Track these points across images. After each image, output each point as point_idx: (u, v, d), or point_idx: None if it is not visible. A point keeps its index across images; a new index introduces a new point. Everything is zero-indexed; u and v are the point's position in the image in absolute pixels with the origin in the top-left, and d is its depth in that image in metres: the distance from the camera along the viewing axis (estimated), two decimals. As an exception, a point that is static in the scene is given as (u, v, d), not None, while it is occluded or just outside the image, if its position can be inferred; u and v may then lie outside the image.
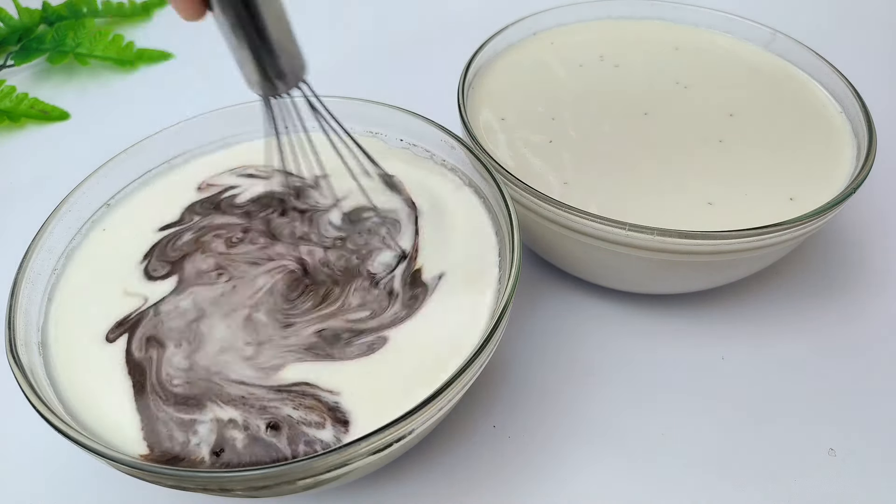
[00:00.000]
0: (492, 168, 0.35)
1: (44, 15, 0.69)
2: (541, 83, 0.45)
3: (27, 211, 0.40)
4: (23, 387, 0.27)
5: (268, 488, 0.25)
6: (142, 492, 0.34)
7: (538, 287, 0.43)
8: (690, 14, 0.50)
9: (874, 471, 0.34)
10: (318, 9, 0.73)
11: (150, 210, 0.37)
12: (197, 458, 0.26)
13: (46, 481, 0.35)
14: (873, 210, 0.48)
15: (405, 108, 0.39)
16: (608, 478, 0.34)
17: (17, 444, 0.36)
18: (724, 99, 0.43)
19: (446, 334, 0.30)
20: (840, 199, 0.34)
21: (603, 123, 0.42)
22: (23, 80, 0.64)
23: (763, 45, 0.48)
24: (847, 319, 0.41)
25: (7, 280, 0.31)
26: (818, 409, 0.37)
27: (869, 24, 0.68)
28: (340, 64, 0.64)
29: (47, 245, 0.34)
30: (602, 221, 0.33)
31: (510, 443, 0.35)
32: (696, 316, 0.41)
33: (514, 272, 0.30)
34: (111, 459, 0.25)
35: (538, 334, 0.40)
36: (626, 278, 0.39)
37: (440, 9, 0.72)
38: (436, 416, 0.27)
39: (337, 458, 0.24)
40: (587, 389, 0.38)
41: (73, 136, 0.58)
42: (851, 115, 0.41)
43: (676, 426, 0.36)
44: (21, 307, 0.30)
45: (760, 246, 0.34)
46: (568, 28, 0.50)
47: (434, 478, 0.34)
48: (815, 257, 0.45)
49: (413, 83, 0.61)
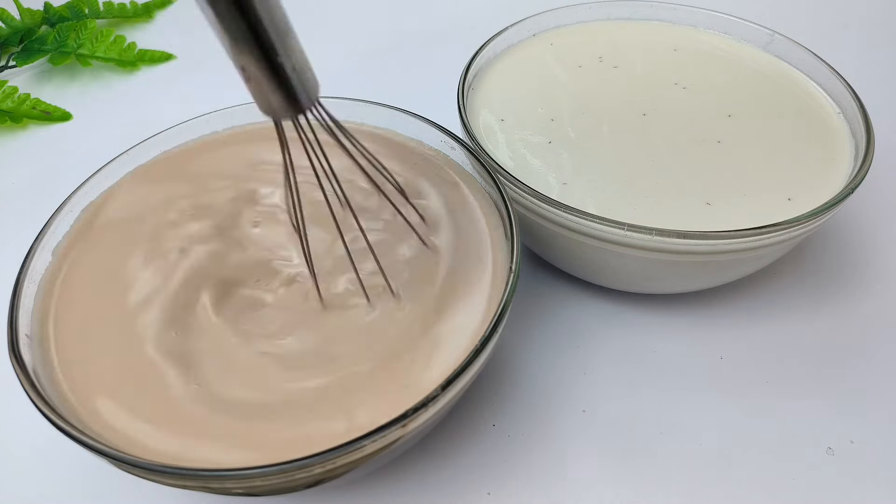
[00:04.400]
0: (491, 169, 0.35)
1: (45, 16, 0.69)
2: (540, 84, 0.46)
3: (29, 211, 0.40)
4: (25, 386, 0.27)
5: (268, 487, 0.25)
6: (143, 491, 0.34)
7: (538, 287, 0.43)
8: (689, 15, 0.50)
9: (873, 470, 0.34)
10: (318, 10, 0.73)
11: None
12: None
13: (47, 480, 0.35)
14: (871, 210, 0.48)
15: (405, 109, 0.39)
16: (608, 476, 0.34)
17: (18, 443, 0.36)
18: (723, 100, 0.44)
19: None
20: (838, 200, 0.34)
21: (602, 124, 0.42)
22: (25, 81, 0.65)
23: (761, 47, 0.48)
24: (846, 319, 0.41)
25: (9, 279, 0.31)
26: (816, 408, 0.37)
27: (867, 25, 0.68)
28: (340, 65, 0.64)
29: (49, 245, 0.34)
30: (601, 221, 0.33)
31: (510, 442, 0.36)
32: (694, 316, 0.41)
33: (514, 272, 0.30)
34: (113, 458, 0.25)
35: (538, 334, 0.41)
36: (625, 278, 0.39)
37: (440, 10, 0.72)
38: (435, 416, 0.27)
39: (336, 457, 0.24)
40: (586, 388, 0.38)
41: (75, 137, 0.58)
42: (849, 116, 0.41)
43: (675, 425, 0.36)
44: (23, 307, 0.31)
45: (758, 246, 0.34)
46: (567, 29, 0.50)
47: (434, 477, 0.34)
48: (814, 257, 0.45)
49: (413, 84, 0.61)
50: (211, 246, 0.34)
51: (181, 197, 0.37)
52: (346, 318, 0.31)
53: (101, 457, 0.25)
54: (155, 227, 0.35)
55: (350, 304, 0.32)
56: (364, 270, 0.32)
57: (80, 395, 0.29)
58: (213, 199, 0.37)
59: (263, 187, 0.37)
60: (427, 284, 0.32)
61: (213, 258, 0.34)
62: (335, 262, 0.33)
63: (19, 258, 0.32)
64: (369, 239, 0.31)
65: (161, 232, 0.35)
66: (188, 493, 0.34)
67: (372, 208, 0.36)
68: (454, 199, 0.37)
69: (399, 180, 0.37)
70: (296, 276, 0.33)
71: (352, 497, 0.34)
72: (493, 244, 0.34)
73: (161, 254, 0.34)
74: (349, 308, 0.32)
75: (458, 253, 0.34)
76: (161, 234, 0.35)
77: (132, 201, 0.37)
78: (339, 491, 0.34)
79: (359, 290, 0.32)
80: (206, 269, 0.33)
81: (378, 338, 0.30)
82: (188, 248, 0.34)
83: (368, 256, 0.31)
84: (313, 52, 0.27)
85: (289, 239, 0.35)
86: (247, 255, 0.34)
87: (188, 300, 0.32)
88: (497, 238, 0.34)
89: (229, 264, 0.34)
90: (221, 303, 0.32)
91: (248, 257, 0.34)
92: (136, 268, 0.33)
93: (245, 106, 0.40)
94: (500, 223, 0.35)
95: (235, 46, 0.23)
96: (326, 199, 0.30)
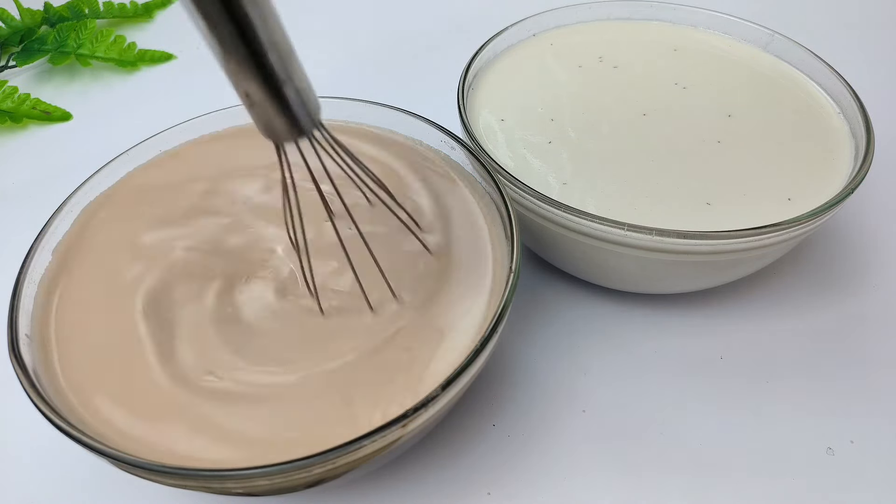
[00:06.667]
0: (492, 169, 0.35)
1: (45, 16, 0.69)
2: (540, 84, 0.46)
3: (29, 211, 0.40)
4: (25, 386, 0.27)
5: (268, 487, 0.25)
6: (143, 491, 0.34)
7: (538, 287, 0.43)
8: (689, 15, 0.50)
9: (873, 470, 0.34)
10: (318, 11, 0.73)
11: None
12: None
13: (47, 480, 0.35)
14: (871, 210, 0.48)
15: (405, 109, 0.39)
16: (607, 476, 0.34)
17: (18, 443, 0.36)
18: (723, 100, 0.44)
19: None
20: (838, 200, 0.34)
21: (602, 124, 0.42)
22: (25, 81, 0.65)
23: (761, 47, 0.48)
24: (845, 319, 0.41)
25: (9, 279, 0.31)
26: (816, 408, 0.37)
27: (867, 25, 0.68)
28: (340, 65, 0.64)
29: (49, 245, 0.34)
30: (601, 221, 0.33)
31: (510, 442, 0.36)
32: (694, 316, 0.41)
33: (514, 272, 0.30)
34: (113, 458, 0.25)
35: (537, 334, 0.41)
36: (625, 278, 0.39)
37: (440, 10, 0.72)
38: (435, 416, 0.27)
39: (336, 457, 0.24)
40: (586, 388, 0.38)
41: (75, 137, 0.58)
42: (849, 116, 0.41)
43: (675, 425, 0.36)
44: (23, 307, 0.31)
45: (758, 246, 0.34)
46: (567, 29, 0.50)
47: (434, 477, 0.34)
48: (814, 257, 0.45)
49: (413, 84, 0.61)
50: (211, 246, 0.34)
51: (181, 197, 0.37)
52: (347, 321, 0.31)
53: (101, 457, 0.25)
54: (155, 227, 0.35)
55: (351, 308, 0.32)
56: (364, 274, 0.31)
57: (80, 395, 0.29)
58: (213, 200, 0.37)
59: (264, 186, 0.37)
60: (427, 285, 0.32)
61: (213, 259, 0.34)
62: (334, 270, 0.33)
63: (19, 258, 0.32)
64: (369, 243, 0.31)
65: (161, 232, 0.35)
66: (188, 493, 0.34)
67: (372, 212, 0.36)
68: (454, 199, 0.37)
69: (399, 180, 0.38)
70: (297, 278, 0.33)
71: (352, 497, 0.34)
72: (493, 244, 0.34)
73: (161, 254, 0.34)
74: (350, 313, 0.31)
75: (458, 253, 0.34)
76: (161, 234, 0.35)
77: (132, 201, 0.37)
78: (339, 491, 0.34)
79: (359, 293, 0.31)
80: (207, 270, 0.33)
81: (378, 338, 0.30)
82: (188, 248, 0.34)
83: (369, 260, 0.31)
84: (314, 52, 0.27)
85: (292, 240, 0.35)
86: (247, 256, 0.34)
87: (188, 300, 0.32)
88: (497, 238, 0.34)
89: (230, 265, 0.33)
90: (221, 303, 0.32)
91: (248, 258, 0.34)
92: (135, 268, 0.33)
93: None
94: (500, 223, 0.35)
95: (239, 73, 0.23)
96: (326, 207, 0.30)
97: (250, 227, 0.35)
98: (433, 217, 0.36)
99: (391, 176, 0.38)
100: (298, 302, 0.32)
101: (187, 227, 0.35)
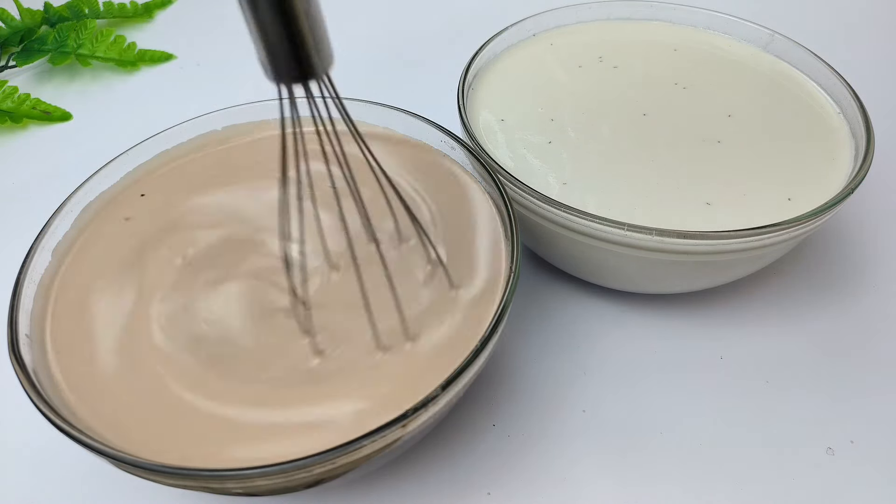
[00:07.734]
0: (491, 168, 0.35)
1: (45, 16, 0.69)
2: (540, 84, 0.46)
3: (29, 211, 0.40)
4: (25, 386, 0.27)
5: (268, 487, 0.25)
6: (143, 491, 0.34)
7: (538, 287, 0.43)
8: (689, 15, 0.50)
9: (873, 469, 0.34)
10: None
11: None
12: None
13: (47, 480, 0.35)
14: (871, 210, 0.48)
15: (405, 109, 0.39)
16: (607, 476, 0.34)
17: (18, 443, 0.36)
18: (723, 100, 0.44)
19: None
20: (838, 200, 0.34)
21: (602, 124, 0.42)
22: (25, 81, 0.65)
23: (761, 47, 0.48)
24: (845, 319, 0.41)
25: (9, 279, 0.31)
26: (816, 408, 0.37)
27: (867, 25, 0.68)
28: (340, 65, 0.64)
29: (49, 245, 0.34)
30: (601, 221, 0.33)
31: (510, 442, 0.36)
32: (694, 316, 0.41)
33: (514, 272, 0.30)
34: (113, 458, 0.25)
35: (537, 334, 0.41)
36: (625, 278, 0.39)
37: (440, 10, 0.72)
38: (435, 416, 0.27)
39: (336, 457, 0.24)
40: (586, 388, 0.38)
41: (75, 137, 0.58)
42: (849, 116, 0.41)
43: (675, 425, 0.36)
44: (23, 307, 0.31)
45: (759, 246, 0.34)
46: (567, 29, 0.50)
47: (434, 477, 0.34)
48: (814, 257, 0.45)
49: (413, 84, 0.61)
50: (211, 247, 0.34)
51: (181, 197, 0.37)
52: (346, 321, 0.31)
53: (101, 457, 0.25)
54: (155, 228, 0.35)
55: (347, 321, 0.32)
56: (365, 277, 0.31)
57: (80, 395, 0.29)
58: (213, 200, 0.37)
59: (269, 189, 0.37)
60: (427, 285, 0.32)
61: (212, 259, 0.34)
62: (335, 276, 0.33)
63: (19, 258, 0.32)
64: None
65: (161, 232, 0.35)
66: (188, 493, 0.34)
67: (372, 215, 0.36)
68: (454, 199, 0.37)
69: (399, 180, 0.38)
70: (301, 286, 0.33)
71: (352, 497, 0.34)
72: (493, 244, 0.34)
73: (161, 254, 0.34)
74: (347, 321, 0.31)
75: (457, 253, 0.34)
76: (161, 233, 0.35)
77: (132, 202, 0.37)
78: (339, 491, 0.34)
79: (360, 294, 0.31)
80: (206, 271, 0.33)
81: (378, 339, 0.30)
82: (189, 248, 0.34)
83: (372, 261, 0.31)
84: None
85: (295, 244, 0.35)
86: (248, 257, 0.34)
87: (188, 300, 0.32)
88: (497, 238, 0.34)
89: (230, 267, 0.33)
90: (222, 304, 0.32)
91: (249, 259, 0.34)
92: (135, 268, 0.33)
93: (245, 106, 0.40)
94: (501, 223, 0.35)
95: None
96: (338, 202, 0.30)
97: (255, 235, 0.35)
98: (433, 217, 0.36)
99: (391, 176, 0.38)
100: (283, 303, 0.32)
101: (191, 228, 0.35)
